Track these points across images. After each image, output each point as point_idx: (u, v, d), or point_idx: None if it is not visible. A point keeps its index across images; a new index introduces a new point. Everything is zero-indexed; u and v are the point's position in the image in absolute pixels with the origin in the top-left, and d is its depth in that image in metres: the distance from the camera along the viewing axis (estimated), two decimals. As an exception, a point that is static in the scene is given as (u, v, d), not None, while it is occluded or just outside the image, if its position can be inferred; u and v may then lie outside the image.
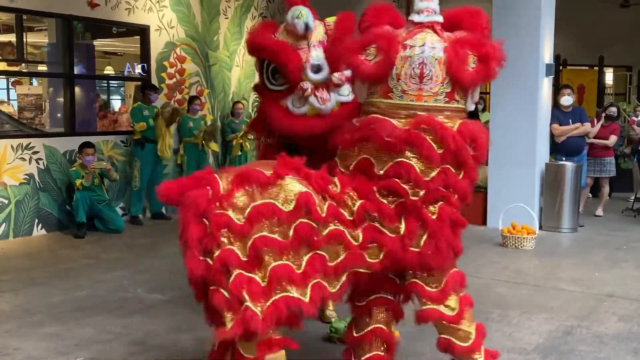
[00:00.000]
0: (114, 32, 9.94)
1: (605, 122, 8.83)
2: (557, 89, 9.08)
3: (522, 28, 7.51)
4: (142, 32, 8.69)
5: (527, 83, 7.58)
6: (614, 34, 14.42)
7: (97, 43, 10.90)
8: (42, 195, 7.43)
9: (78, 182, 7.23)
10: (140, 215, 8.29)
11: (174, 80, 9.00)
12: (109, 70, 14.86)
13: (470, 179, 2.95)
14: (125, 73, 9.73)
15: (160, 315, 4.56)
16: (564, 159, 7.89)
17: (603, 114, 8.99)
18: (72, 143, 7.64)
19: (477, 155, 2.92)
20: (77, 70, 8.77)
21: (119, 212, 8.06)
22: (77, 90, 8.57)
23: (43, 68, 11.51)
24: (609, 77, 15.90)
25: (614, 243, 7.13)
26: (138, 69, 8.86)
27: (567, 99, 8.13)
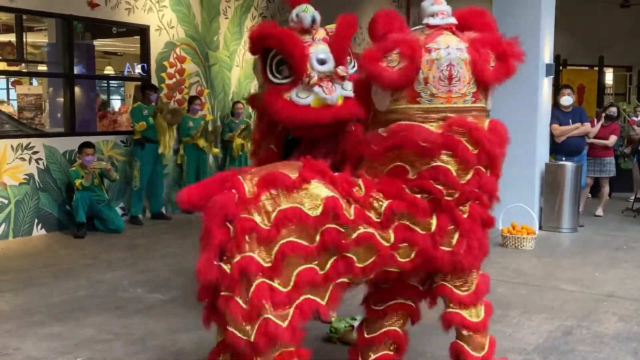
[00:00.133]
0: (114, 32, 9.94)
1: (605, 122, 8.84)
2: (557, 89, 9.07)
3: (522, 28, 7.47)
4: (142, 32, 8.68)
5: (527, 83, 7.57)
6: (614, 34, 14.45)
7: (97, 43, 10.89)
8: (42, 195, 7.43)
9: (78, 182, 7.22)
10: (140, 215, 8.28)
11: (174, 80, 8.99)
12: (109, 70, 14.87)
13: (497, 177, 2.94)
14: (125, 73, 9.73)
15: (160, 315, 4.55)
16: (564, 159, 7.90)
17: (603, 114, 9.00)
18: (72, 143, 7.64)
19: (503, 153, 2.92)
20: (77, 70, 8.77)
21: (119, 212, 8.06)
22: (77, 90, 8.56)
23: (43, 68, 11.50)
24: (609, 77, 15.93)
25: (614, 243, 7.13)
26: (138, 69, 8.86)
27: (567, 99, 8.13)
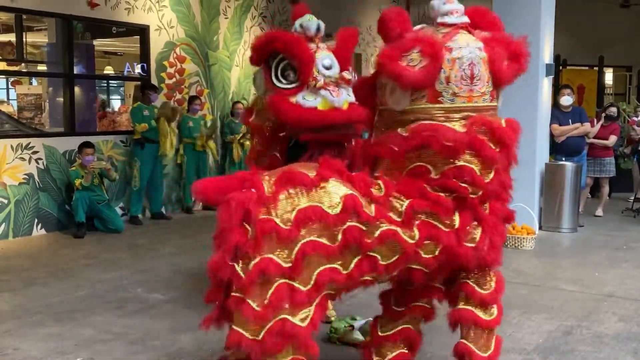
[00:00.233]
0: (114, 32, 9.92)
1: (605, 122, 8.84)
2: (557, 89, 9.07)
3: (522, 28, 7.42)
4: (141, 32, 8.68)
5: (527, 83, 7.54)
6: (614, 34, 14.45)
7: (96, 43, 10.90)
8: (41, 195, 7.43)
9: (77, 182, 7.22)
10: (140, 215, 8.28)
11: (174, 80, 8.99)
12: (109, 70, 14.87)
13: (509, 173, 2.95)
14: (125, 73, 9.74)
15: (160, 315, 4.55)
16: (564, 159, 7.89)
17: (603, 114, 9.00)
18: (71, 143, 7.64)
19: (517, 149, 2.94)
20: (76, 70, 8.77)
21: (119, 212, 8.05)
22: (76, 90, 8.57)
23: (43, 68, 11.50)
24: (609, 77, 15.94)
25: (614, 243, 7.13)
26: (138, 69, 8.86)
27: (567, 99, 8.13)
